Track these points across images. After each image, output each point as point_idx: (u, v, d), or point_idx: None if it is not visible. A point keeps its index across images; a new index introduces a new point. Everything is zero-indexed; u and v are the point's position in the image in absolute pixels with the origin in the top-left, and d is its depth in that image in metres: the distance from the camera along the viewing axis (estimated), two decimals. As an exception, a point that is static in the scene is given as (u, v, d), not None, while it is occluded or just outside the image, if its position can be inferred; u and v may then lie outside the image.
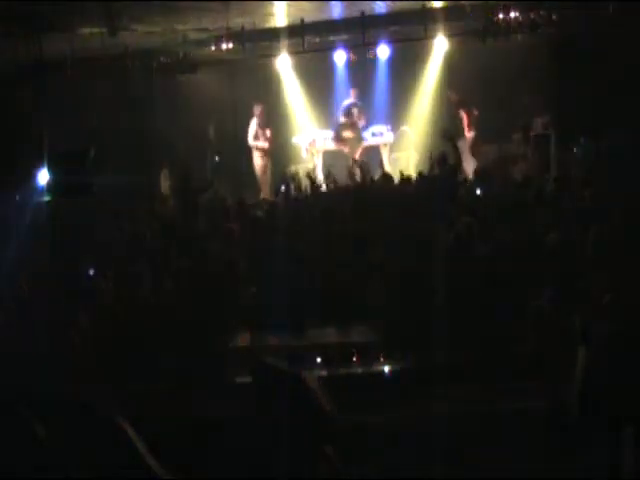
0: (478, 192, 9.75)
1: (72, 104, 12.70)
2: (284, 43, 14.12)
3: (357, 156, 13.74)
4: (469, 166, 12.34)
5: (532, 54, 13.04)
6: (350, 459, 4.32)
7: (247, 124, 14.52)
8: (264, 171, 14.38)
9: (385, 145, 14.52)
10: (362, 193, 9.93)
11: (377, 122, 14.68)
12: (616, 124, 10.90)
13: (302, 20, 13.20)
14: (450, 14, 13.36)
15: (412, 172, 11.89)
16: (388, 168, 12.87)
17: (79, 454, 2.58)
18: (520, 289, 6.40)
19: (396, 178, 10.84)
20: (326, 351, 6.46)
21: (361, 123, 14.41)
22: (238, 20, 12.70)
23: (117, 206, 11.27)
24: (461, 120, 13.85)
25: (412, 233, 7.43)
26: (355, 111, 14.50)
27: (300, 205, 9.78)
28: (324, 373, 6.10)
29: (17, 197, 10.74)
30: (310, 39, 13.80)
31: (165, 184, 14.00)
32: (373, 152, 14.37)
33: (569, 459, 4.75)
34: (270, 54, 14.50)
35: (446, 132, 10.92)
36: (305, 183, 10.71)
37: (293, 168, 14.32)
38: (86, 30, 11.92)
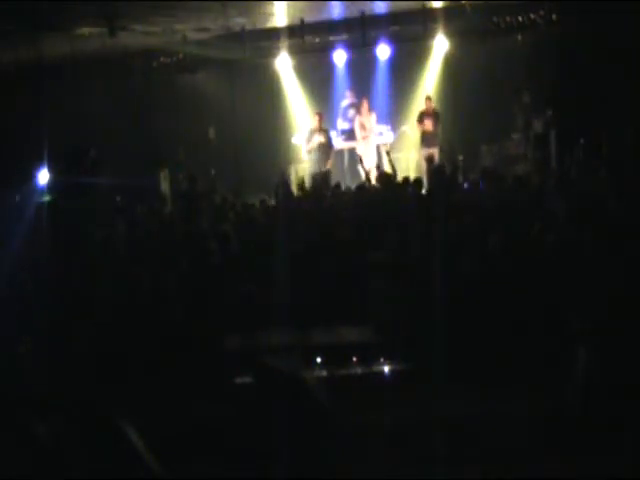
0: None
1: (72, 104, 12.71)
2: (284, 43, 14.11)
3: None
4: None
5: (532, 54, 13.03)
6: (350, 459, 4.33)
7: (246, 124, 14.53)
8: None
9: (385, 145, 14.49)
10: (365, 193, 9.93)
11: (377, 122, 14.65)
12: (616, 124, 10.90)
13: (302, 20, 13.21)
14: (450, 14, 13.36)
15: (412, 172, 11.86)
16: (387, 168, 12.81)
17: (79, 454, 2.59)
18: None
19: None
20: (326, 351, 6.45)
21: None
22: (238, 20, 12.71)
23: (117, 206, 11.28)
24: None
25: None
26: (351, 111, 14.42)
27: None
28: (324, 373, 6.09)
29: (17, 197, 10.77)
30: (310, 39, 13.79)
31: (165, 184, 13.99)
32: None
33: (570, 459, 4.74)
34: (270, 54, 14.50)
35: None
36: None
37: (292, 168, 14.31)
38: (86, 30, 11.92)
